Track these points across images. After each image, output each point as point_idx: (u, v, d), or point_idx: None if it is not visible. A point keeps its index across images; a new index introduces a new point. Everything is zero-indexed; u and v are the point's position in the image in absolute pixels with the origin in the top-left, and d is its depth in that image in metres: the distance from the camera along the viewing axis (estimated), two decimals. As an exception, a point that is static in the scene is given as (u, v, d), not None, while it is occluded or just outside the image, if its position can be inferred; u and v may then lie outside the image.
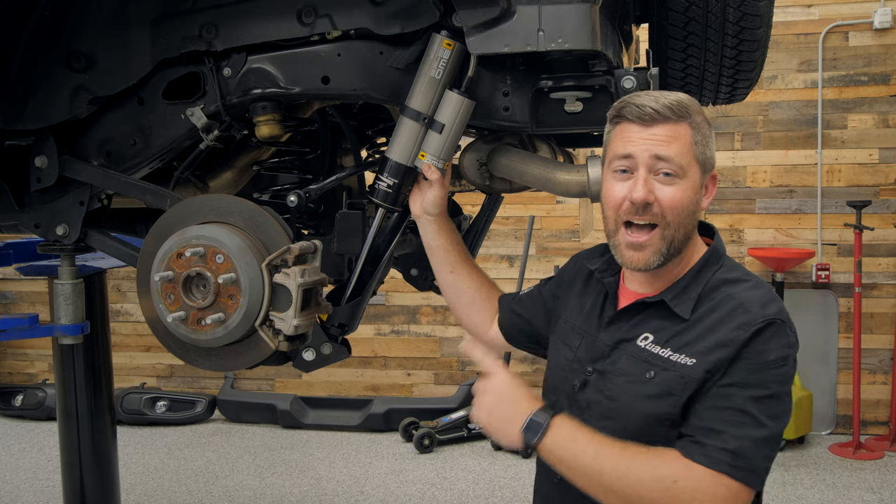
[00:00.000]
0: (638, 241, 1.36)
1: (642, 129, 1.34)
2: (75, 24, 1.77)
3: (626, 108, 1.36)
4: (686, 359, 1.31)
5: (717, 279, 1.39)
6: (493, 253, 5.40)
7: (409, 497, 4.23)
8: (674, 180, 1.34)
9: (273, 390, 5.74)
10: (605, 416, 1.38)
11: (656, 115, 1.33)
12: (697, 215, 1.40)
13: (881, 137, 4.90)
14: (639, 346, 1.38)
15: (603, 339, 1.44)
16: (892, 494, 4.10)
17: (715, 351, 1.29)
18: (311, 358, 1.74)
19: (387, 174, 1.70)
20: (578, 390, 1.44)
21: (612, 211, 1.39)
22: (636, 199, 1.33)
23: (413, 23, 1.62)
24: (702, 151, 1.37)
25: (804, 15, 4.93)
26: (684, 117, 1.35)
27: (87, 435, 3.12)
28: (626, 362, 1.39)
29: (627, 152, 1.35)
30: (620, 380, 1.38)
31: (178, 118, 1.79)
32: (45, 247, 1.94)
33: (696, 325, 1.34)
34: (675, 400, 1.31)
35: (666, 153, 1.33)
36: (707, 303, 1.36)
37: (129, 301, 5.79)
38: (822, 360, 4.96)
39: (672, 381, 1.32)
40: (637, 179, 1.34)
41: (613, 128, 1.40)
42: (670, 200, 1.34)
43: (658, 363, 1.34)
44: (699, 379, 1.29)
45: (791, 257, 4.82)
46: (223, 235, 1.56)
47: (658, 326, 1.38)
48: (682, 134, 1.34)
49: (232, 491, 4.34)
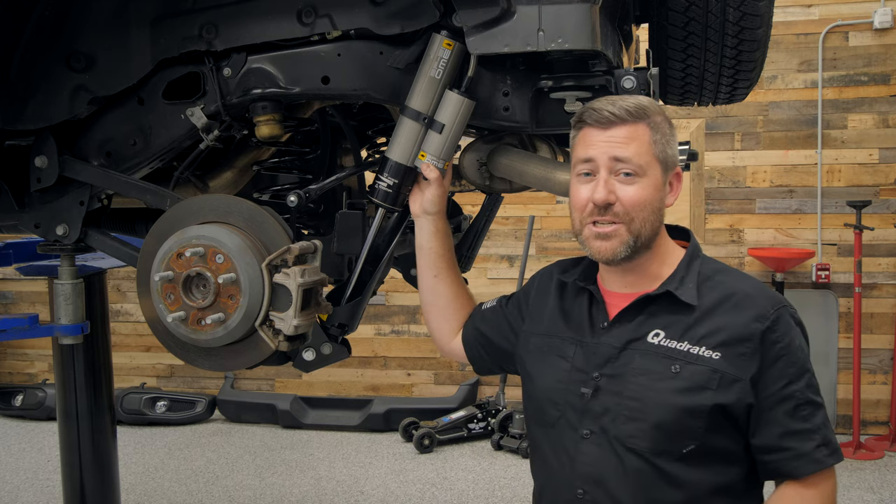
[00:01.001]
0: (603, 230, 1.40)
1: (601, 132, 1.39)
2: (75, 24, 1.77)
3: (586, 114, 1.42)
4: (709, 352, 1.35)
5: (707, 270, 1.46)
6: (493, 253, 5.40)
7: (409, 497, 4.23)
8: (634, 179, 1.38)
9: (273, 390, 5.74)
10: (633, 418, 1.37)
11: (614, 117, 1.38)
12: (662, 212, 1.44)
13: (881, 137, 4.90)
14: (652, 342, 1.39)
15: (607, 343, 1.44)
16: (892, 494, 4.10)
17: (736, 346, 1.35)
18: (311, 358, 1.74)
19: (387, 174, 1.70)
20: (591, 398, 1.42)
21: (577, 213, 1.44)
22: (597, 199, 1.38)
23: (413, 23, 1.62)
24: (662, 150, 1.41)
25: (804, 15, 4.93)
26: (642, 118, 1.39)
27: (87, 435, 3.11)
28: (642, 361, 1.39)
29: (588, 156, 1.40)
30: (641, 379, 1.38)
31: (178, 118, 1.79)
32: (45, 247, 1.94)
33: (706, 318, 1.38)
34: (710, 394, 1.34)
35: (624, 154, 1.38)
36: (707, 292, 1.40)
37: (129, 301, 5.80)
38: (822, 360, 4.96)
39: (703, 375, 1.35)
40: (598, 181, 1.39)
41: (577, 133, 1.46)
42: (631, 199, 1.38)
43: (680, 357, 1.36)
44: (735, 377, 1.34)
45: (791, 257, 4.82)
46: (223, 235, 1.56)
47: (667, 322, 1.40)
48: (641, 134, 1.39)
49: (232, 491, 4.34)
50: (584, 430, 1.41)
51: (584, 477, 1.41)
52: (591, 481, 1.40)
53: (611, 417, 1.39)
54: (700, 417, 1.34)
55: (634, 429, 1.36)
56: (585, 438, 1.41)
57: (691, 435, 1.34)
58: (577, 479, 1.42)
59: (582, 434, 1.42)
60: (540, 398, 1.51)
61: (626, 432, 1.37)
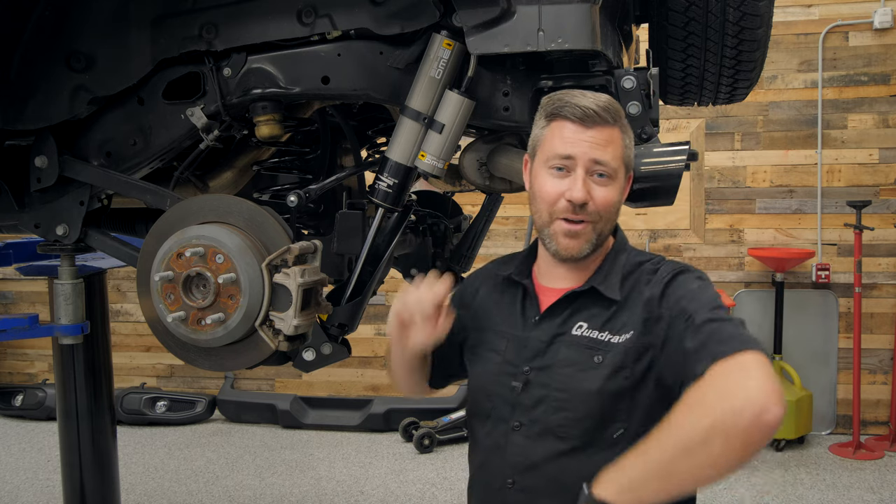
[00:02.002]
0: (574, 229, 1.41)
1: (582, 130, 1.39)
2: (75, 24, 1.77)
3: (566, 107, 1.40)
4: (626, 335, 1.38)
5: (632, 261, 1.47)
6: (493, 253, 5.39)
7: (409, 497, 4.23)
8: (607, 181, 1.40)
9: (273, 390, 5.74)
10: (561, 409, 1.40)
11: (596, 116, 1.38)
12: (619, 212, 1.47)
13: (881, 137, 4.90)
14: (575, 334, 1.42)
15: (535, 337, 1.45)
16: (892, 494, 4.10)
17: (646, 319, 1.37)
18: (311, 358, 1.74)
19: (387, 174, 1.70)
20: (521, 391, 1.44)
21: (546, 205, 1.43)
22: (576, 199, 1.38)
23: (413, 23, 1.62)
24: (628, 154, 1.44)
25: (804, 15, 4.93)
26: (616, 121, 1.41)
27: (87, 435, 3.11)
28: (566, 352, 1.41)
29: (568, 153, 1.40)
30: (567, 370, 1.40)
31: (178, 118, 1.79)
32: (45, 247, 1.94)
33: (625, 307, 1.41)
34: (627, 372, 1.37)
35: (604, 157, 1.39)
36: (631, 283, 1.43)
37: (129, 301, 5.79)
38: (822, 360, 4.96)
39: (619, 358, 1.37)
40: (576, 180, 1.39)
41: (548, 124, 1.43)
42: (604, 200, 1.40)
43: (601, 347, 1.39)
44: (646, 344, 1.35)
45: (791, 257, 4.82)
46: (223, 235, 1.56)
47: (591, 314, 1.43)
48: (616, 138, 1.41)
49: (232, 491, 4.34)
50: (515, 421, 1.43)
51: (514, 466, 1.43)
52: (520, 470, 1.42)
53: (542, 408, 1.41)
54: (624, 398, 1.36)
55: (563, 418, 1.39)
56: (515, 430, 1.43)
57: (618, 418, 1.37)
58: (508, 468, 1.44)
59: (512, 426, 1.43)
60: (475, 391, 1.53)
61: (555, 422, 1.39)
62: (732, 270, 5.11)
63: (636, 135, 1.62)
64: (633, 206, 1.69)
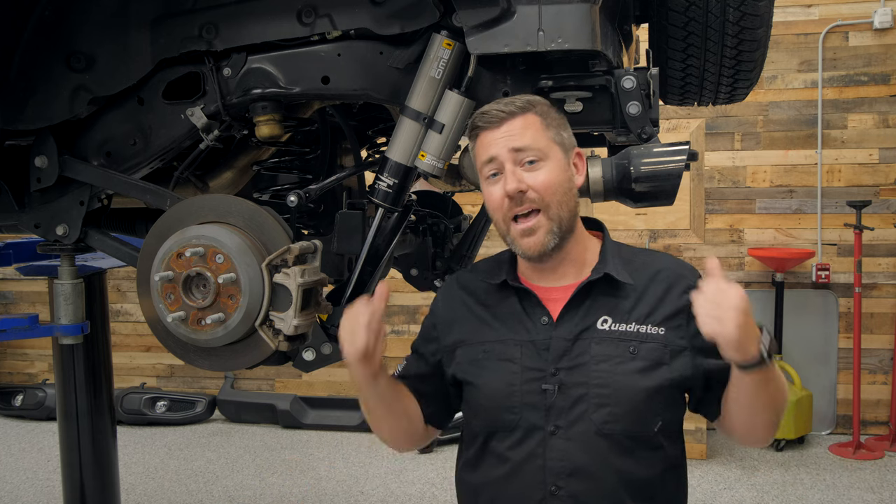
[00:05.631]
0: (527, 225, 1.42)
1: (495, 130, 1.43)
2: (75, 24, 1.77)
3: (477, 119, 1.46)
4: (655, 328, 1.43)
5: (626, 252, 1.52)
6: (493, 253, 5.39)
7: (409, 497, 4.23)
8: (539, 164, 1.42)
9: (273, 390, 5.74)
10: (604, 405, 1.39)
11: (503, 114, 1.42)
12: (574, 192, 1.48)
13: (881, 137, 4.90)
14: (603, 329, 1.43)
15: (558, 336, 1.43)
16: (892, 494, 4.10)
17: (674, 319, 1.43)
18: (311, 358, 1.74)
19: (387, 174, 1.70)
20: (558, 394, 1.40)
21: (497, 213, 1.46)
22: (510, 190, 1.41)
23: (413, 23, 1.62)
24: (557, 133, 1.46)
25: (804, 15, 4.93)
26: (529, 109, 1.44)
27: (87, 435, 3.11)
28: (599, 348, 1.41)
29: (490, 155, 1.43)
30: (604, 365, 1.40)
31: (178, 118, 1.79)
32: (45, 247, 1.94)
33: (643, 298, 1.45)
34: (665, 369, 1.41)
35: (522, 143, 1.41)
36: (635, 274, 1.47)
37: (129, 301, 5.79)
38: (822, 360, 4.96)
39: (656, 351, 1.41)
40: (506, 174, 1.42)
41: (474, 141, 1.48)
42: (542, 183, 1.41)
43: (633, 338, 1.42)
44: (680, 346, 1.42)
45: (791, 257, 4.82)
46: (223, 235, 1.56)
47: (610, 307, 1.45)
48: (532, 122, 1.43)
49: (232, 491, 4.34)
50: (551, 426, 1.41)
51: (558, 472, 1.40)
52: (564, 475, 1.40)
53: (581, 409, 1.40)
54: (661, 393, 1.41)
55: (607, 414, 1.39)
56: (553, 435, 1.40)
57: (656, 411, 1.41)
58: (550, 475, 1.40)
59: (549, 431, 1.41)
60: (489, 406, 1.46)
61: (599, 419, 1.39)
62: (732, 270, 5.11)
63: (636, 135, 1.63)
64: (634, 207, 1.69)
